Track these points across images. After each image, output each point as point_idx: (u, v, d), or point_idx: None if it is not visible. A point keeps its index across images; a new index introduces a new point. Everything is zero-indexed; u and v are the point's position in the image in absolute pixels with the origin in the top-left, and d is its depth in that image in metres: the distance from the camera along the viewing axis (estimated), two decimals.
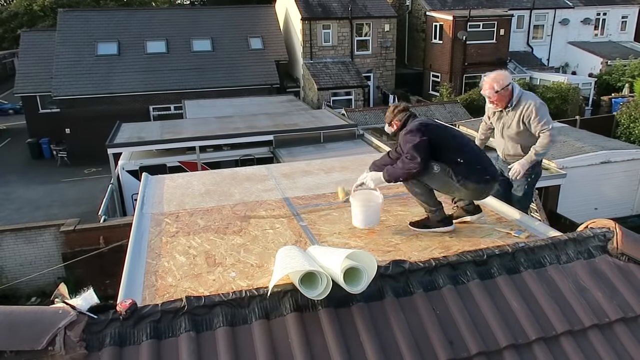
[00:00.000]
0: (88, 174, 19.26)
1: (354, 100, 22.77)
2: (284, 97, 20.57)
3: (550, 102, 20.77)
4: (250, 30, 24.01)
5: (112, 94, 20.85)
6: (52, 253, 10.70)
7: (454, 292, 2.62)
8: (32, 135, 22.03)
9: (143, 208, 4.46)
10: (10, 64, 39.57)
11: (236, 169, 5.88)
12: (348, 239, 3.59)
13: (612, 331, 2.56)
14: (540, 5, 27.31)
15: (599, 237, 2.97)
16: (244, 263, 3.27)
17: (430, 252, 3.32)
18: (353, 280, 2.47)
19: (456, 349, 2.37)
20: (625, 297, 2.68)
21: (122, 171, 12.36)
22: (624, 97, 21.31)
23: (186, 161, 12.73)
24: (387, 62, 25.08)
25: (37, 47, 23.02)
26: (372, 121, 16.91)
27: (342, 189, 4.47)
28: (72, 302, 2.34)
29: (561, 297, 2.66)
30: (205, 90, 21.08)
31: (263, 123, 14.42)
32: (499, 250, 2.83)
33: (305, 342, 2.33)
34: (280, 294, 2.50)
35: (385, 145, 12.50)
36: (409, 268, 2.66)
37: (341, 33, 23.95)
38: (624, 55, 25.79)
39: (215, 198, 4.67)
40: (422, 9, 26.05)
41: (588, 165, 12.04)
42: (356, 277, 2.48)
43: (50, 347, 2.17)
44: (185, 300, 2.41)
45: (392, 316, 2.47)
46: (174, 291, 2.92)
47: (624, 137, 16.92)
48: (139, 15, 24.63)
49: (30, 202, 16.60)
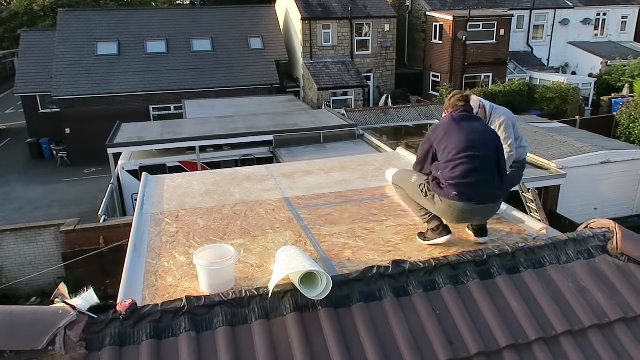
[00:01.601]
0: (88, 174, 19.26)
1: (354, 101, 22.78)
2: (284, 97, 20.57)
3: (550, 102, 20.81)
4: (251, 30, 24.01)
5: (112, 94, 20.85)
6: (52, 253, 10.70)
7: (454, 292, 2.62)
8: (32, 135, 22.03)
9: (143, 208, 4.46)
10: (10, 64, 39.58)
11: (236, 169, 5.87)
12: (348, 239, 3.59)
13: (612, 331, 2.56)
14: (540, 6, 27.31)
15: (599, 237, 2.97)
16: (244, 263, 3.27)
17: (430, 252, 3.32)
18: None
19: (456, 349, 2.37)
20: (625, 297, 2.68)
21: (122, 171, 12.36)
22: (624, 97, 21.32)
23: (186, 161, 12.73)
24: (387, 62, 25.09)
25: (37, 47, 23.03)
26: (372, 121, 16.92)
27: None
28: (72, 302, 2.34)
29: (561, 297, 2.66)
30: (205, 90, 21.08)
31: (263, 123, 14.42)
32: (499, 250, 2.83)
33: (305, 342, 2.33)
34: (280, 294, 2.50)
35: (385, 145, 12.49)
36: (409, 268, 2.66)
37: (341, 33, 23.96)
38: (623, 56, 25.79)
39: (215, 198, 4.67)
40: (422, 9, 26.06)
41: (588, 165, 12.04)
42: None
43: (50, 347, 2.17)
44: (185, 300, 2.41)
45: (392, 316, 2.47)
46: (174, 291, 2.92)
47: (624, 137, 16.93)
48: (139, 15, 24.63)
49: (30, 202, 16.60)
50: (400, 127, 16.78)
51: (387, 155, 6.63)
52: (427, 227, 3.44)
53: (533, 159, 12.30)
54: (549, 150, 12.49)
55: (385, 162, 5.78)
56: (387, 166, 5.56)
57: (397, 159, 5.90)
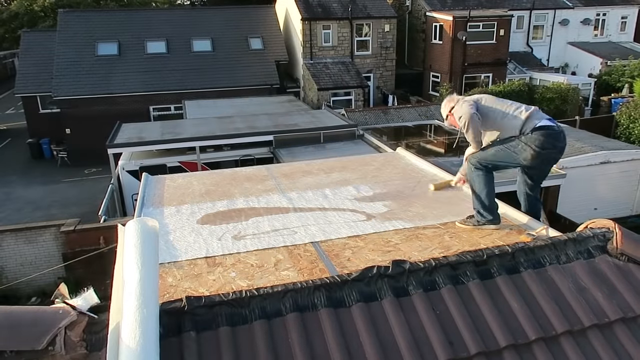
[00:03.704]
0: (88, 174, 19.27)
1: (354, 101, 22.78)
2: (284, 98, 20.57)
3: (550, 103, 20.79)
4: (251, 31, 24.01)
5: (112, 94, 20.85)
6: (53, 253, 10.70)
7: (454, 292, 2.62)
8: (32, 135, 22.04)
9: (143, 208, 4.46)
10: (11, 64, 39.59)
11: (236, 169, 5.89)
12: (348, 239, 3.60)
13: (611, 331, 2.56)
14: (540, 6, 27.32)
15: (599, 237, 2.98)
16: (244, 263, 3.28)
17: (430, 252, 3.32)
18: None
19: (456, 349, 2.37)
20: (625, 297, 2.68)
21: (122, 171, 12.36)
22: (624, 97, 21.31)
23: (186, 161, 12.72)
24: (387, 63, 25.09)
25: (38, 48, 23.02)
26: (372, 121, 16.91)
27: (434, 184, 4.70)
28: (72, 302, 2.35)
29: (561, 297, 2.66)
30: (206, 91, 21.07)
31: (263, 123, 14.42)
32: (499, 250, 2.84)
33: (305, 342, 2.33)
34: (280, 294, 2.51)
35: (385, 146, 12.49)
36: (409, 268, 2.67)
37: (341, 33, 23.96)
38: (623, 56, 25.79)
39: (216, 198, 4.67)
40: (422, 10, 26.06)
41: (588, 165, 12.04)
42: None
43: (51, 347, 2.17)
44: (185, 300, 2.42)
45: (392, 316, 2.47)
46: (174, 291, 2.92)
47: (624, 138, 16.92)
48: (139, 16, 24.63)
49: (31, 202, 16.60)
50: (400, 127, 16.78)
51: (387, 155, 6.64)
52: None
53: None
54: None
55: (385, 162, 5.79)
56: (387, 166, 5.57)
57: (397, 159, 5.90)
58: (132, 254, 2.31)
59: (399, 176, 5.17)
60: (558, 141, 3.67)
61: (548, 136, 3.60)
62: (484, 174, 3.77)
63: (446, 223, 3.83)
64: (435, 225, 3.80)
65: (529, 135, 3.61)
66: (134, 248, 2.33)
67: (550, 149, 3.63)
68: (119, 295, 2.30)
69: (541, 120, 3.65)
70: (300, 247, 3.49)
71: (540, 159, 3.65)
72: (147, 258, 2.31)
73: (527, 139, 3.61)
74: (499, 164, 3.80)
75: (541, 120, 3.65)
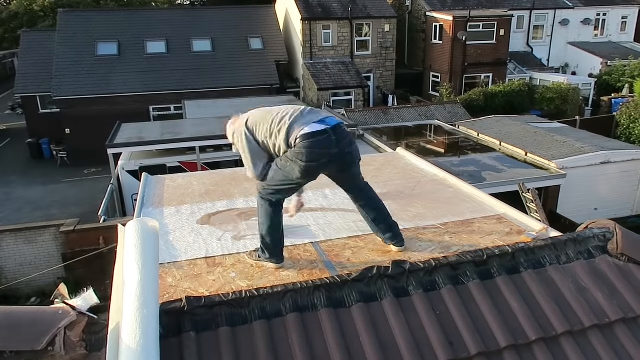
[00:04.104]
0: (88, 174, 19.27)
1: (354, 101, 22.78)
2: (284, 98, 20.54)
3: (550, 103, 20.81)
4: (250, 31, 24.01)
5: (112, 94, 20.85)
6: (52, 253, 10.70)
7: (454, 293, 2.62)
8: (32, 135, 22.04)
9: (143, 208, 4.46)
10: (10, 64, 39.56)
11: (236, 169, 5.87)
12: (348, 239, 3.59)
13: (612, 331, 2.56)
14: (540, 6, 27.32)
15: (599, 237, 2.97)
16: (244, 263, 3.27)
17: (430, 252, 3.32)
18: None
19: (456, 350, 2.37)
20: (625, 298, 2.68)
21: (122, 171, 12.36)
22: (624, 97, 21.31)
23: (186, 161, 12.72)
24: (387, 63, 25.09)
25: (37, 48, 23.02)
26: (372, 121, 16.93)
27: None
28: (72, 303, 2.34)
29: (561, 297, 2.66)
30: (206, 91, 21.07)
31: None
32: (499, 250, 2.83)
33: (305, 343, 2.33)
34: (280, 294, 2.51)
35: (385, 146, 12.49)
36: (409, 268, 2.67)
37: (341, 33, 23.97)
38: (623, 56, 25.80)
39: (216, 198, 4.67)
40: (422, 10, 26.07)
41: (588, 165, 12.04)
42: None
43: (50, 347, 2.17)
44: (185, 301, 2.41)
45: (392, 317, 2.47)
46: (174, 291, 2.92)
47: (624, 138, 16.92)
48: (139, 16, 24.63)
49: (30, 202, 16.60)
50: (400, 127, 16.78)
51: (387, 155, 6.64)
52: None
53: (533, 159, 12.31)
54: (549, 150, 12.49)
55: (385, 162, 5.78)
56: (387, 166, 5.57)
57: (397, 159, 5.90)
58: (132, 254, 2.31)
59: (399, 176, 5.16)
60: (329, 147, 2.96)
61: (313, 145, 2.91)
62: (267, 205, 3.19)
63: (446, 223, 3.83)
64: (435, 226, 3.80)
65: (293, 148, 2.97)
66: (134, 248, 2.33)
67: (320, 159, 2.96)
68: (119, 295, 2.30)
69: (308, 124, 2.96)
70: (300, 247, 3.49)
71: (314, 172, 3.06)
72: (148, 258, 2.31)
73: (291, 154, 2.97)
74: (281, 189, 3.16)
75: (308, 125, 2.96)
